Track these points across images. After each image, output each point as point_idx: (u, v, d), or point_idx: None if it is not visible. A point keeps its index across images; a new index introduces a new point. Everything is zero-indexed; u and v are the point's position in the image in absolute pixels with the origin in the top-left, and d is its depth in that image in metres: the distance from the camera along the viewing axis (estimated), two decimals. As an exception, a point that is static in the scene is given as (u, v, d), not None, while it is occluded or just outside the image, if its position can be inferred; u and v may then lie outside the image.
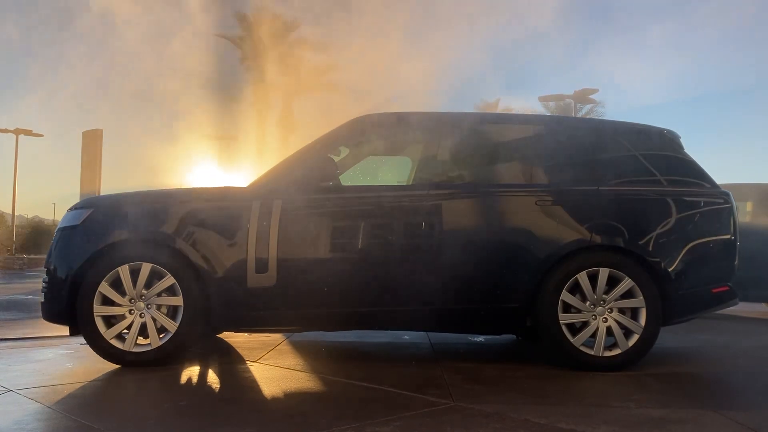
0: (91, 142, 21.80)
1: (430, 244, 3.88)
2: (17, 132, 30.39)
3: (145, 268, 3.71)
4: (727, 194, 4.21)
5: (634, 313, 3.87)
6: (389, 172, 5.34)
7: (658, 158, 4.26)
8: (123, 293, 3.71)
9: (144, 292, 3.72)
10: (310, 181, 3.88)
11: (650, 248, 3.93)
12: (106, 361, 3.71)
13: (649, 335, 3.84)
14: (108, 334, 3.68)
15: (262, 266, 3.74)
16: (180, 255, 3.74)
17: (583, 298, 3.85)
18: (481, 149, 4.27)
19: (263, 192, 3.89)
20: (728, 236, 4.13)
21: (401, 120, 4.39)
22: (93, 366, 3.72)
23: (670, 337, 4.92)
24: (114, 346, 3.68)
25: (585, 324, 3.85)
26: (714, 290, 4.11)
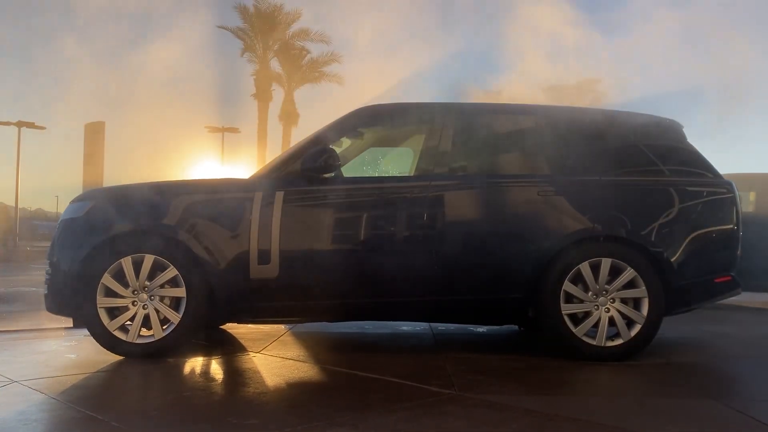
0: (94, 134, 21.84)
1: (432, 235, 3.87)
2: (19, 125, 30.39)
3: (148, 260, 3.71)
4: (730, 184, 4.20)
5: (636, 304, 3.87)
6: (391, 163, 5.33)
7: (661, 148, 4.25)
8: (126, 285, 3.72)
9: (147, 283, 3.72)
10: (312, 173, 3.87)
11: (652, 238, 3.92)
12: (109, 352, 3.72)
13: (651, 325, 3.84)
14: (111, 325, 3.69)
15: (264, 258, 3.74)
16: (183, 246, 3.74)
17: (586, 289, 3.85)
18: (482, 139, 4.26)
19: (265, 183, 3.89)
20: (731, 226, 4.12)
21: (403, 111, 4.38)
22: (96, 357, 3.73)
23: (672, 327, 4.92)
24: (117, 338, 3.69)
25: (587, 314, 3.85)
26: (717, 280, 4.10)
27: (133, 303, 3.73)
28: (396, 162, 5.27)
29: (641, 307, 3.85)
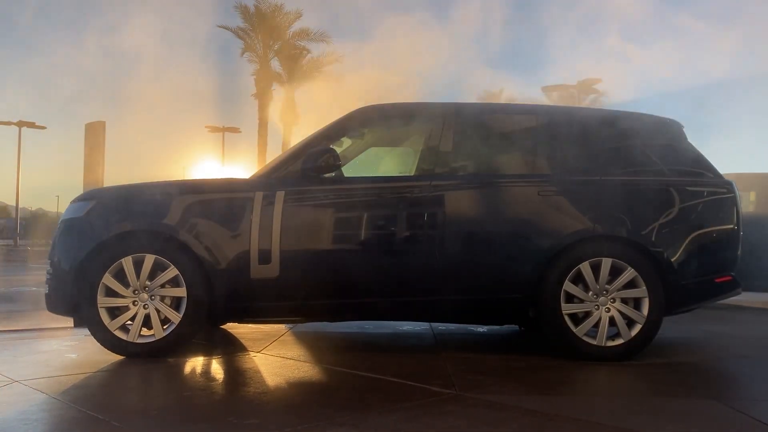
0: (94, 133, 21.84)
1: (433, 235, 3.87)
2: (20, 124, 30.45)
3: (149, 260, 3.71)
4: (731, 184, 4.20)
5: (636, 303, 3.87)
6: (392, 163, 5.33)
7: (661, 148, 4.25)
8: (127, 285, 3.72)
9: (147, 283, 3.72)
10: (312, 173, 3.88)
11: (653, 238, 3.92)
12: (110, 352, 3.72)
13: (651, 325, 3.84)
14: (112, 325, 3.69)
15: (265, 257, 3.75)
16: (183, 246, 3.74)
17: (586, 288, 3.85)
18: (483, 139, 4.26)
19: (266, 183, 3.89)
20: (731, 226, 4.12)
21: (403, 111, 4.38)
22: (97, 357, 3.73)
23: (672, 327, 4.92)
24: (118, 338, 3.69)
25: (588, 314, 3.85)
26: (717, 280, 4.10)
27: (133, 303, 3.73)
28: (397, 162, 5.27)
29: (642, 307, 3.85)
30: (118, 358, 3.71)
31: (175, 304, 3.75)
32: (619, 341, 3.84)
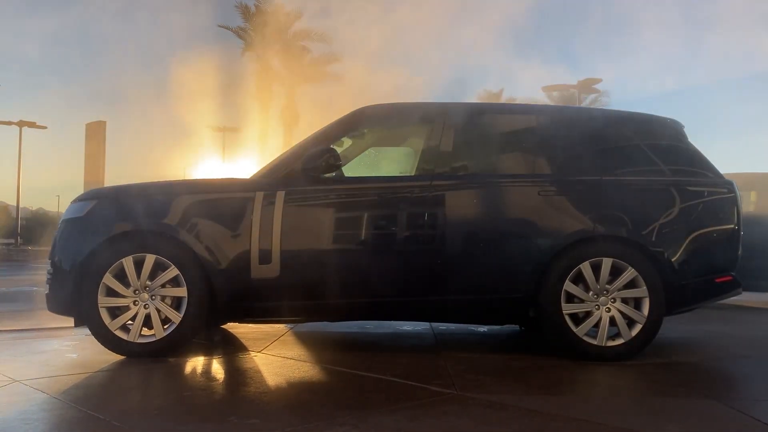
0: (95, 133, 21.89)
1: (433, 234, 3.88)
2: (21, 124, 30.45)
3: (149, 260, 3.71)
4: (731, 184, 4.20)
5: (637, 303, 3.87)
6: (392, 162, 5.33)
7: (662, 148, 4.25)
8: (127, 285, 3.72)
9: (148, 283, 3.73)
10: (312, 172, 3.88)
11: (653, 238, 3.92)
12: (110, 352, 3.72)
13: (652, 325, 3.84)
14: (112, 325, 3.69)
15: (265, 257, 3.75)
16: (184, 246, 3.74)
17: (586, 288, 3.85)
18: (483, 139, 4.26)
19: (266, 183, 3.89)
20: (732, 226, 4.12)
21: (403, 111, 4.38)
22: (98, 357, 3.73)
23: (673, 327, 4.92)
24: (118, 337, 3.69)
25: (588, 314, 3.85)
26: (717, 280, 4.10)
27: (134, 302, 3.73)
28: (397, 162, 5.27)
29: (642, 306, 3.85)
30: (119, 358, 3.71)
31: (176, 303, 3.75)
32: (620, 341, 3.84)
